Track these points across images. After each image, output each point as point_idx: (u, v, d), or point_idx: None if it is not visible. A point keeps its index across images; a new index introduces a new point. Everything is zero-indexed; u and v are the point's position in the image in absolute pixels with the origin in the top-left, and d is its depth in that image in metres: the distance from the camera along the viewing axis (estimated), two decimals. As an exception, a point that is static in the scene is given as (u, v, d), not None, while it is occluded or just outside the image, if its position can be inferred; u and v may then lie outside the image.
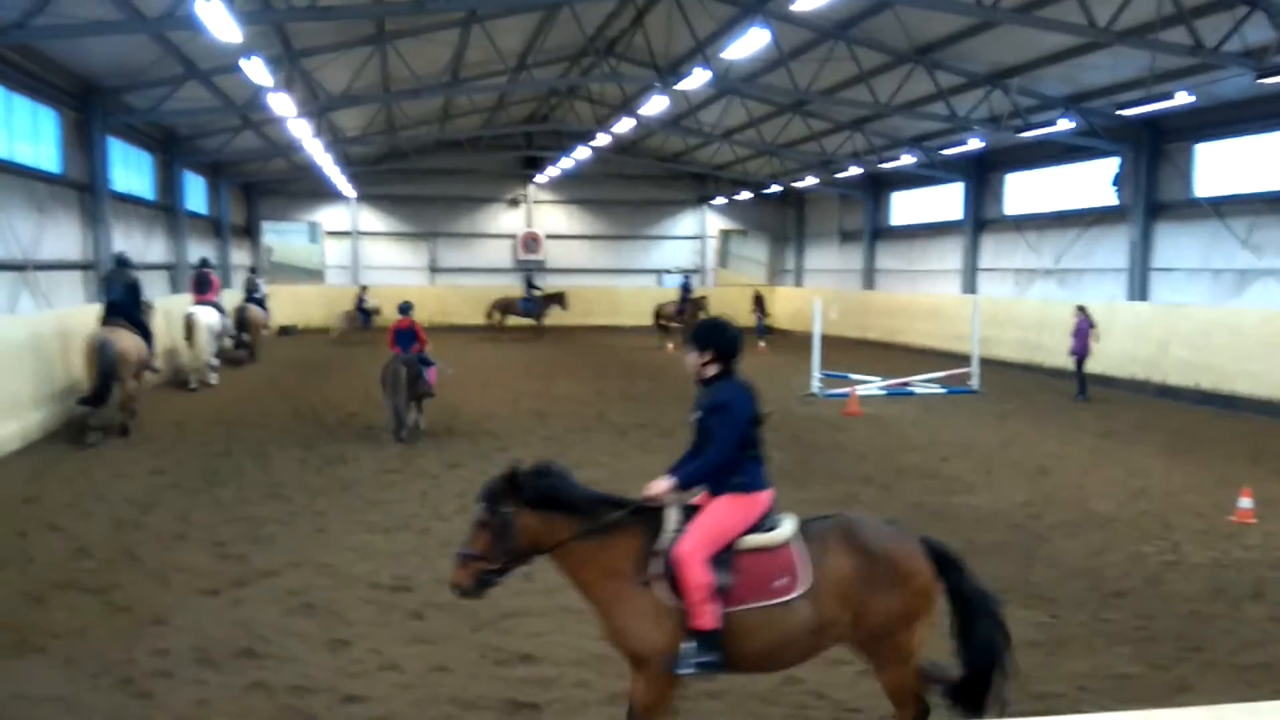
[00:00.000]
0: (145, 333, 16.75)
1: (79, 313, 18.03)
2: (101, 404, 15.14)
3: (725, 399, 5.35)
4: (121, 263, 17.54)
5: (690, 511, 5.34)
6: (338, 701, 6.32)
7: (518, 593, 8.42)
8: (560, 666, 6.92)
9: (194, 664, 6.81)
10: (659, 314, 35.57)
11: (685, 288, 35.98)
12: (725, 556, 5.18)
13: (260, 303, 28.94)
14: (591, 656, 7.06)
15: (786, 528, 5.33)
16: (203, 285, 22.92)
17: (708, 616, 5.05)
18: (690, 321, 34.72)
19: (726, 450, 5.27)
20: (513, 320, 36.86)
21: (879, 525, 5.56)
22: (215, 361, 22.56)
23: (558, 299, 36.60)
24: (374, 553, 9.50)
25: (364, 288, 37.45)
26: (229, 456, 14.10)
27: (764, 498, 5.37)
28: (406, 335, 16.18)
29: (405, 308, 16.62)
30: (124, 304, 16.51)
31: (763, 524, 5.32)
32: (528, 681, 6.67)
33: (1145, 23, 17.82)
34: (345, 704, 6.29)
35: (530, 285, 37.30)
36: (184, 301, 22.95)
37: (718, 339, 5.45)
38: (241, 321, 26.95)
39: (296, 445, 14.96)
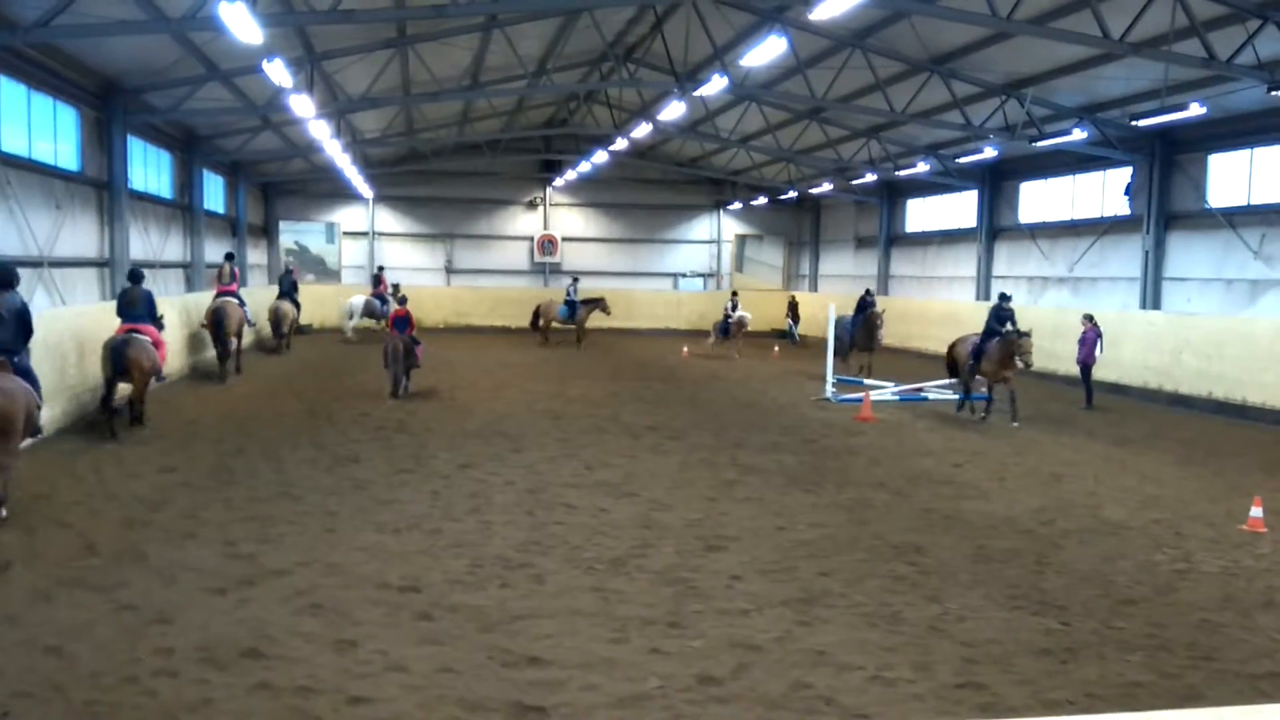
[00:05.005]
0: (298, 305, 30.76)
1: (95, 310, 18.07)
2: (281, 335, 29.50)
3: None
4: (289, 270, 32.55)
5: None
6: (343, 702, 6.27)
7: (526, 594, 8.44)
8: (568, 669, 6.88)
9: (198, 663, 6.75)
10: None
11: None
12: None
13: (573, 304, 35.10)
14: (600, 660, 7.04)
15: None
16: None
17: None
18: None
19: None
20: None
21: None
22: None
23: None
24: (383, 553, 9.48)
25: (734, 293, 36.45)
26: (241, 455, 14.12)
27: None
28: (403, 320, 20.73)
29: (402, 300, 21.85)
30: (289, 291, 30.71)
31: None
32: (535, 684, 6.63)
33: (1159, 35, 17.80)
34: (351, 705, 6.25)
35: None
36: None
37: None
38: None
39: (309, 444, 14.98)
